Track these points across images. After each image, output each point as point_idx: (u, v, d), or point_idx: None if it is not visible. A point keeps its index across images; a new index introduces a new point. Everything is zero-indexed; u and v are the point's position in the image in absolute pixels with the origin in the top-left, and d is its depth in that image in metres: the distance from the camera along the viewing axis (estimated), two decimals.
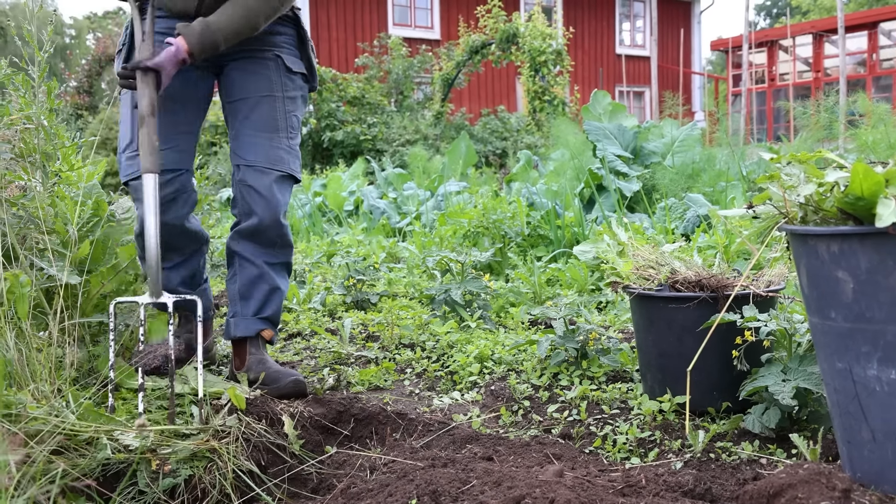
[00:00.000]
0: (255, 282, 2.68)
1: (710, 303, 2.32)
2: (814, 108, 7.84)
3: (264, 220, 2.62)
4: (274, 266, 2.70)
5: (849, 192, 1.51)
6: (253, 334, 2.68)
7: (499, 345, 3.25)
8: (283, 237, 2.69)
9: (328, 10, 20.22)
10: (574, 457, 2.11)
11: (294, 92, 2.70)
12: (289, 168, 2.66)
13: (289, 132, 2.67)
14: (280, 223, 2.65)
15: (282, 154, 2.64)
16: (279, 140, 2.64)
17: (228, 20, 2.43)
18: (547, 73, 14.48)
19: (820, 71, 21.90)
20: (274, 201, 2.62)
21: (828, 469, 1.60)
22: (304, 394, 2.55)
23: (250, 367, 2.61)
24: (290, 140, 2.68)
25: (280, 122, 2.65)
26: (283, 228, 2.67)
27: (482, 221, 5.29)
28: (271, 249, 2.68)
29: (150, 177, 2.31)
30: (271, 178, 2.61)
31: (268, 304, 2.70)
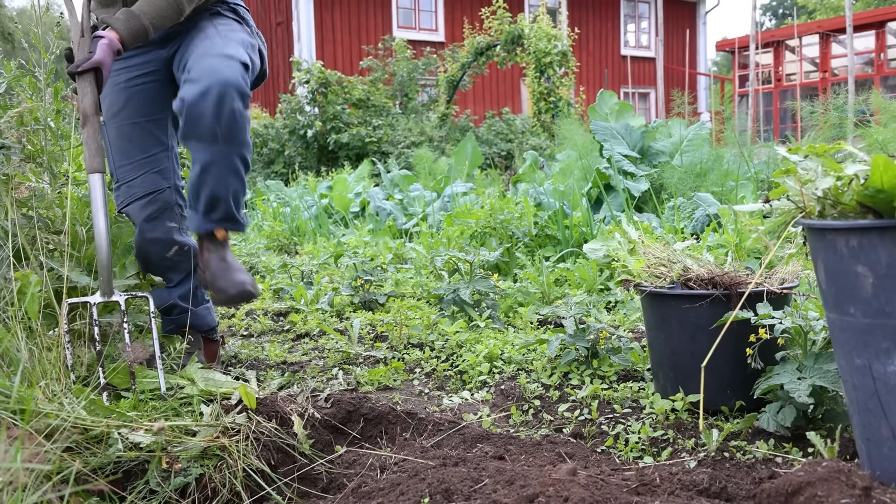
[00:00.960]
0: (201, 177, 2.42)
1: (723, 301, 2.30)
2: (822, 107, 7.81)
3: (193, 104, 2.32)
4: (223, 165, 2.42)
5: (868, 184, 1.48)
6: (204, 232, 2.52)
7: (508, 344, 3.23)
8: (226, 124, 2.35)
9: (332, 13, 20.22)
10: (586, 456, 2.09)
11: (226, 22, 2.59)
12: (223, 49, 2.42)
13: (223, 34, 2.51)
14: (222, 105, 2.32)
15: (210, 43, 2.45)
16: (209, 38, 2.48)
17: (151, 4, 2.40)
18: (552, 74, 14.45)
19: (827, 71, 21.85)
20: (204, 78, 2.33)
21: (847, 467, 1.58)
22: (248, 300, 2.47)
23: (203, 269, 2.55)
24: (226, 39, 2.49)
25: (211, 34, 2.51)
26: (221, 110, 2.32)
27: (489, 222, 5.27)
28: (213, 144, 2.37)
29: (97, 177, 2.28)
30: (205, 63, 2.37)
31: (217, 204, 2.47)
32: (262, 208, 9.74)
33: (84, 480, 1.65)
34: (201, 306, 2.85)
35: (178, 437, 1.98)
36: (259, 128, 15.25)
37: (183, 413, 2.15)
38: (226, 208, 2.49)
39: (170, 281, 2.76)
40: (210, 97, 2.30)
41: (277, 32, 20.62)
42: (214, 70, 2.34)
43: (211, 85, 2.31)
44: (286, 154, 14.86)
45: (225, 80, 2.32)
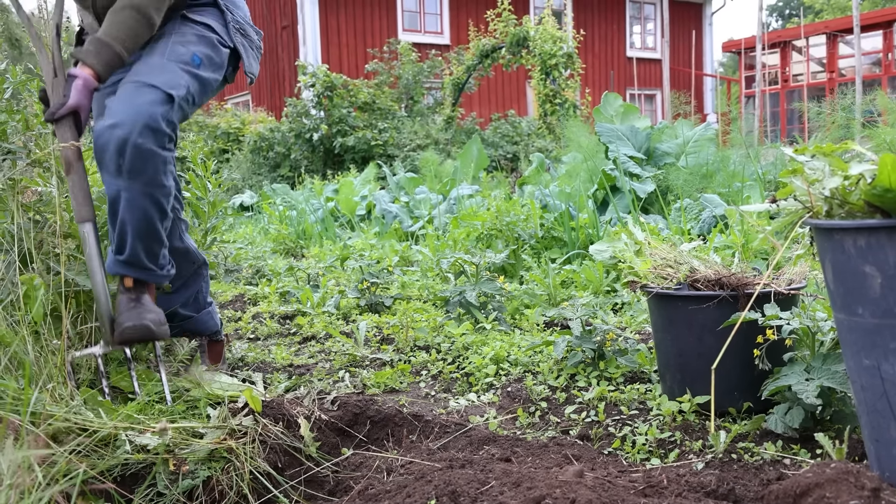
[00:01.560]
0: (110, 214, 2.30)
1: (731, 302, 2.29)
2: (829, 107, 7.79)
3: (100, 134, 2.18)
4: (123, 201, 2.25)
5: (876, 183, 1.48)
6: (113, 274, 2.36)
7: (514, 346, 3.22)
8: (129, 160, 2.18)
9: (338, 16, 20.25)
10: (593, 458, 2.09)
11: (186, 31, 2.44)
12: (147, 78, 2.26)
13: (166, 55, 2.36)
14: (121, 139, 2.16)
15: (143, 69, 2.30)
16: (150, 59, 2.34)
17: (119, 26, 2.26)
18: (558, 76, 14.44)
19: (834, 71, 21.79)
20: (117, 109, 2.20)
21: (856, 468, 1.57)
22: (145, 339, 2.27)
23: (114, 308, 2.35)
24: (168, 60, 2.34)
25: (158, 49, 2.37)
26: (125, 146, 2.16)
27: (495, 224, 5.26)
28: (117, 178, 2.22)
29: (88, 226, 2.22)
30: (124, 91, 2.25)
31: (124, 245, 2.30)
32: (269, 212, 9.75)
33: (91, 483, 1.65)
34: (203, 311, 2.83)
35: (186, 440, 1.98)
36: (265, 131, 15.27)
37: (189, 416, 2.15)
38: (132, 252, 2.32)
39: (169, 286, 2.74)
40: (115, 130, 2.17)
41: (283, 36, 20.65)
42: (128, 101, 2.22)
43: (120, 118, 2.18)
44: (292, 157, 14.88)
45: (135, 115, 2.19)
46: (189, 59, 2.39)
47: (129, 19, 2.27)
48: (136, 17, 2.28)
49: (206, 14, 2.55)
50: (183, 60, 2.37)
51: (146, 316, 2.26)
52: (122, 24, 2.27)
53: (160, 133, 2.22)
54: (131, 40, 2.29)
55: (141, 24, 2.29)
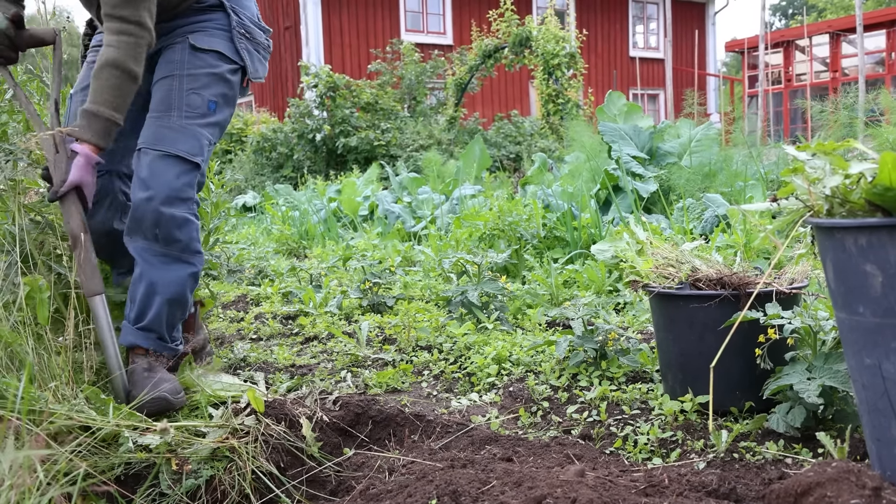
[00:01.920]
0: (136, 283, 2.39)
1: (732, 301, 2.29)
2: (832, 106, 7.78)
3: (138, 206, 2.32)
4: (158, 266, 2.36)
5: (877, 182, 1.47)
6: (128, 345, 2.40)
7: (516, 346, 3.22)
8: (164, 229, 2.33)
9: (340, 16, 20.25)
10: (595, 457, 2.09)
11: (197, 70, 2.46)
12: (172, 147, 2.35)
13: (183, 110, 2.41)
14: (157, 210, 2.30)
15: (166, 132, 2.37)
16: (169, 119, 2.39)
17: (102, 89, 2.26)
18: (560, 76, 14.43)
19: (837, 71, 21.76)
20: (150, 182, 2.31)
21: (857, 467, 1.56)
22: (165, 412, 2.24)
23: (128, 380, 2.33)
24: (186, 119, 2.40)
25: (174, 100, 2.41)
26: (160, 218, 2.31)
27: (498, 224, 5.26)
28: (154, 244, 2.35)
29: (98, 299, 2.24)
30: (149, 157, 2.34)
31: (147, 314, 2.38)
32: (272, 212, 9.75)
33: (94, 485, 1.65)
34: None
35: (188, 439, 1.98)
36: (268, 132, 15.28)
37: (191, 416, 2.16)
38: (155, 319, 2.38)
39: (120, 266, 2.70)
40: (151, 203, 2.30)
41: (286, 37, 20.67)
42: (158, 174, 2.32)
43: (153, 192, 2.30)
44: (295, 158, 14.88)
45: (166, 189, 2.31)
46: (206, 110, 2.45)
47: (110, 78, 2.26)
48: (116, 74, 2.26)
49: (212, 30, 2.52)
50: (200, 114, 2.43)
51: (163, 387, 2.24)
52: (105, 85, 2.26)
53: (189, 201, 2.37)
54: (119, 99, 2.28)
55: (123, 80, 2.28)
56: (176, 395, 2.25)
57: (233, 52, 2.54)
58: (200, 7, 2.54)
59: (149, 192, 2.30)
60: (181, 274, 2.39)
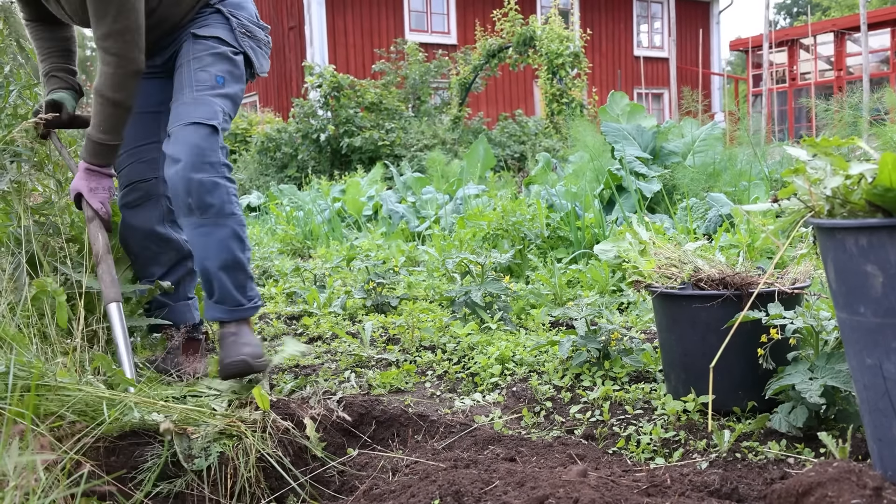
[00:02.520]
0: (195, 261, 2.56)
1: (735, 301, 2.30)
2: (837, 105, 7.77)
3: (170, 180, 2.44)
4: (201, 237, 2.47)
5: (877, 183, 1.48)
6: (210, 319, 2.60)
7: (520, 346, 3.23)
8: (196, 195, 2.41)
9: (345, 16, 20.27)
10: (597, 457, 2.09)
11: (200, 53, 2.58)
12: (187, 118, 2.45)
13: (193, 87, 2.52)
14: (186, 178, 2.40)
15: (181, 109, 2.49)
16: (181, 97, 2.51)
17: (94, 114, 2.45)
18: (564, 75, 14.43)
19: (842, 69, 21.71)
20: (174, 154, 2.43)
21: (858, 467, 1.57)
22: (248, 373, 2.41)
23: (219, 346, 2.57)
24: (195, 92, 2.51)
25: (184, 81, 2.54)
26: (190, 184, 2.40)
27: (501, 224, 5.27)
28: (191, 217, 2.45)
29: (114, 306, 2.35)
30: (174, 134, 2.46)
31: (212, 286, 2.52)
32: (276, 212, 9.77)
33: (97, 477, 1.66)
34: (181, 302, 2.86)
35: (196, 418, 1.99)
36: (272, 132, 15.30)
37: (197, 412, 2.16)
38: (222, 290, 2.51)
39: (151, 275, 2.79)
40: (176, 167, 2.41)
41: (290, 37, 20.69)
42: (180, 142, 2.42)
43: (177, 157, 2.41)
44: (299, 158, 14.90)
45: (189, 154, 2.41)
46: (214, 83, 2.54)
47: (96, 105, 2.45)
48: (100, 101, 2.44)
49: (213, 24, 2.64)
50: (209, 86, 2.53)
51: (244, 350, 2.40)
52: (95, 111, 2.45)
53: (216, 164, 2.44)
54: (106, 124, 2.45)
55: (107, 107, 2.43)
56: (256, 359, 2.41)
57: (233, 40, 2.65)
58: (200, 14, 2.66)
59: (175, 164, 2.40)
60: (221, 238, 2.47)
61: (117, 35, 2.36)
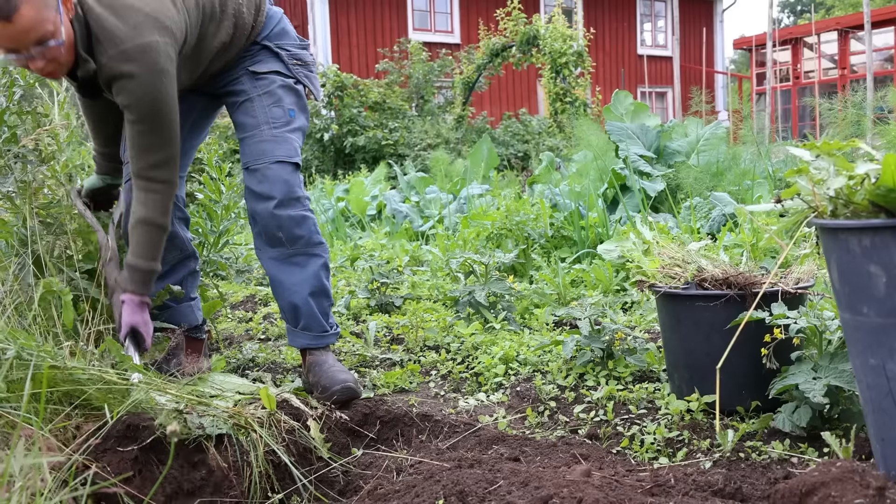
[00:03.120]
0: (279, 292, 2.68)
1: (738, 301, 2.30)
2: (841, 104, 7.76)
3: (262, 217, 2.57)
4: (289, 267, 2.63)
5: (880, 183, 1.48)
6: (298, 347, 2.75)
7: (524, 346, 3.23)
8: (287, 230, 2.58)
9: (348, 16, 20.27)
10: (601, 457, 2.10)
11: (269, 87, 2.65)
12: (273, 156, 2.57)
13: (270, 123, 2.61)
14: (276, 216, 2.55)
15: (265, 146, 2.58)
16: (261, 134, 2.60)
17: (138, 245, 2.43)
18: (568, 74, 14.42)
19: (846, 68, 21.67)
20: (265, 194, 2.56)
21: (861, 467, 1.57)
22: (355, 398, 2.52)
23: (307, 373, 2.70)
24: (275, 129, 2.61)
25: (260, 117, 2.61)
26: (281, 220, 2.56)
27: (505, 223, 5.27)
28: (281, 248, 2.61)
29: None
30: (259, 172, 2.57)
31: (298, 315, 2.67)
32: None
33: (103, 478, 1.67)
34: (184, 303, 2.87)
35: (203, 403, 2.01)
36: None
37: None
38: (309, 316, 2.66)
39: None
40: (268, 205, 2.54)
41: None
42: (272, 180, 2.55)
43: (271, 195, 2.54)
44: (303, 158, 14.90)
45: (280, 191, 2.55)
46: (288, 118, 2.65)
47: (144, 234, 2.43)
48: (148, 230, 2.43)
49: (266, 60, 2.70)
50: (284, 122, 2.63)
51: (343, 377, 2.54)
52: (140, 241, 2.43)
53: (302, 198, 2.61)
54: (154, 250, 2.46)
55: (155, 233, 2.45)
56: (356, 383, 2.55)
57: (290, 73, 2.71)
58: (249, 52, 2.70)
59: (266, 201, 2.55)
60: (313, 268, 2.65)
61: (164, 164, 2.40)
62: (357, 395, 2.52)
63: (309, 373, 2.68)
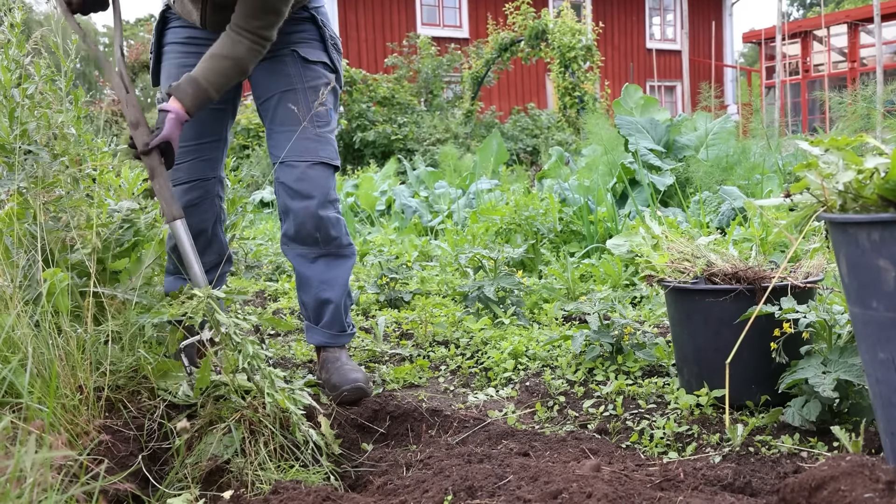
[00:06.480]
0: (305, 288, 2.72)
1: (748, 295, 2.29)
2: (851, 97, 7.72)
3: (298, 215, 2.60)
4: (321, 265, 2.68)
5: (889, 177, 1.48)
6: (315, 343, 2.78)
7: (533, 341, 3.24)
8: (324, 230, 2.63)
9: (357, 11, 20.28)
10: (611, 452, 2.10)
11: (315, 81, 2.67)
12: (316, 156, 2.61)
13: (315, 121, 2.63)
14: (316, 216, 2.60)
15: (308, 144, 2.61)
16: (305, 131, 2.61)
17: (218, 73, 2.43)
18: (577, 69, 14.40)
19: (856, 61, 21.56)
20: (305, 193, 2.59)
21: (871, 461, 1.57)
22: (365, 397, 2.54)
23: (320, 370, 2.73)
24: (319, 129, 2.64)
25: (304, 112, 2.62)
26: (320, 221, 2.61)
27: (514, 218, 5.27)
28: (315, 248, 2.66)
29: (178, 223, 2.35)
30: (299, 170, 2.59)
31: (323, 312, 2.72)
32: None
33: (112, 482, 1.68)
34: None
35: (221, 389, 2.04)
36: None
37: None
38: (334, 314, 2.72)
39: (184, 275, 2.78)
40: (309, 206, 2.58)
41: None
42: (312, 180, 2.59)
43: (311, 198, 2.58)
44: None
45: (319, 193, 2.59)
46: (329, 118, 2.69)
47: (229, 69, 2.44)
48: (234, 67, 2.45)
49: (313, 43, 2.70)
50: (326, 122, 2.67)
51: (355, 376, 2.57)
52: (219, 71, 2.43)
53: (335, 201, 2.67)
54: (223, 84, 2.46)
55: (237, 72, 2.48)
56: (367, 384, 2.57)
57: (331, 61, 2.74)
58: (295, 18, 2.68)
59: (307, 200, 2.59)
60: (345, 268, 2.73)
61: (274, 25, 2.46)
62: (367, 394, 2.54)
63: (322, 370, 2.70)
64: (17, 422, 1.58)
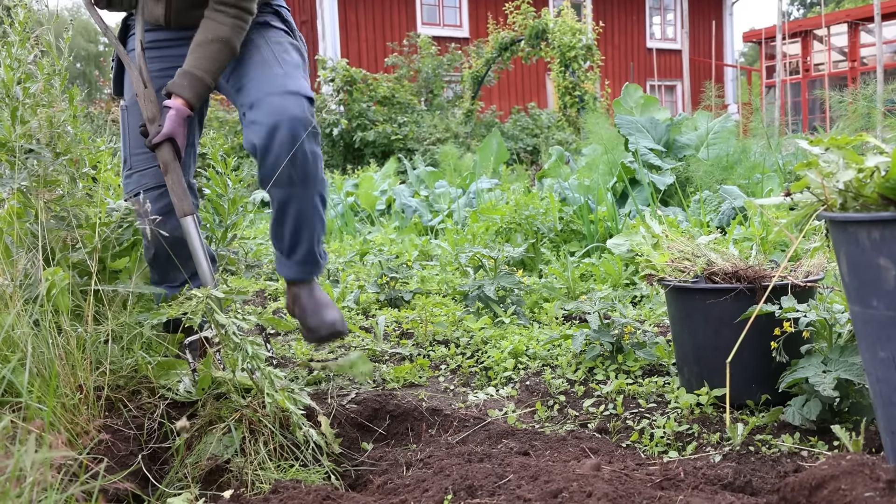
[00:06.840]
0: (279, 220, 2.59)
1: (748, 294, 2.29)
2: (851, 97, 7.72)
3: (266, 145, 2.40)
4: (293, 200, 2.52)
5: (889, 176, 1.47)
6: (288, 278, 2.70)
7: (533, 340, 3.24)
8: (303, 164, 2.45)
9: (357, 10, 20.28)
10: (611, 451, 2.10)
11: (279, 39, 2.62)
12: (284, 87, 2.44)
13: (282, 65, 2.53)
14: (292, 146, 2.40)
15: (278, 80, 2.47)
16: (272, 70, 2.51)
17: (209, 59, 2.43)
18: (577, 68, 14.39)
19: (856, 60, 21.55)
20: (271, 119, 2.40)
21: (871, 460, 1.57)
22: (339, 338, 2.56)
23: (292, 304, 2.70)
24: (287, 68, 2.53)
25: (269, 58, 2.55)
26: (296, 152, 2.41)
27: (514, 218, 5.27)
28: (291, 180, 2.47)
29: (189, 219, 2.36)
30: (263, 103, 2.43)
31: (298, 244, 2.61)
32: None
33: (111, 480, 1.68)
34: None
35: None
36: None
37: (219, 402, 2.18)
38: (308, 249, 2.63)
39: (173, 279, 2.74)
40: (282, 142, 2.39)
41: (302, 31, 20.71)
42: (282, 110, 2.40)
43: (281, 129, 2.39)
44: None
45: (294, 122, 2.40)
46: (298, 64, 2.60)
47: (218, 52, 2.44)
48: (224, 49, 2.45)
49: (276, 19, 2.70)
50: (296, 65, 2.58)
51: (331, 315, 2.58)
52: (211, 56, 2.44)
53: (316, 134, 2.50)
54: (217, 69, 2.47)
55: (227, 54, 2.47)
56: (344, 324, 2.59)
57: (295, 38, 2.72)
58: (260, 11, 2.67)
59: (274, 130, 2.39)
60: (315, 201, 2.57)
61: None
62: (343, 334, 2.55)
63: (295, 305, 2.68)
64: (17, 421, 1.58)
